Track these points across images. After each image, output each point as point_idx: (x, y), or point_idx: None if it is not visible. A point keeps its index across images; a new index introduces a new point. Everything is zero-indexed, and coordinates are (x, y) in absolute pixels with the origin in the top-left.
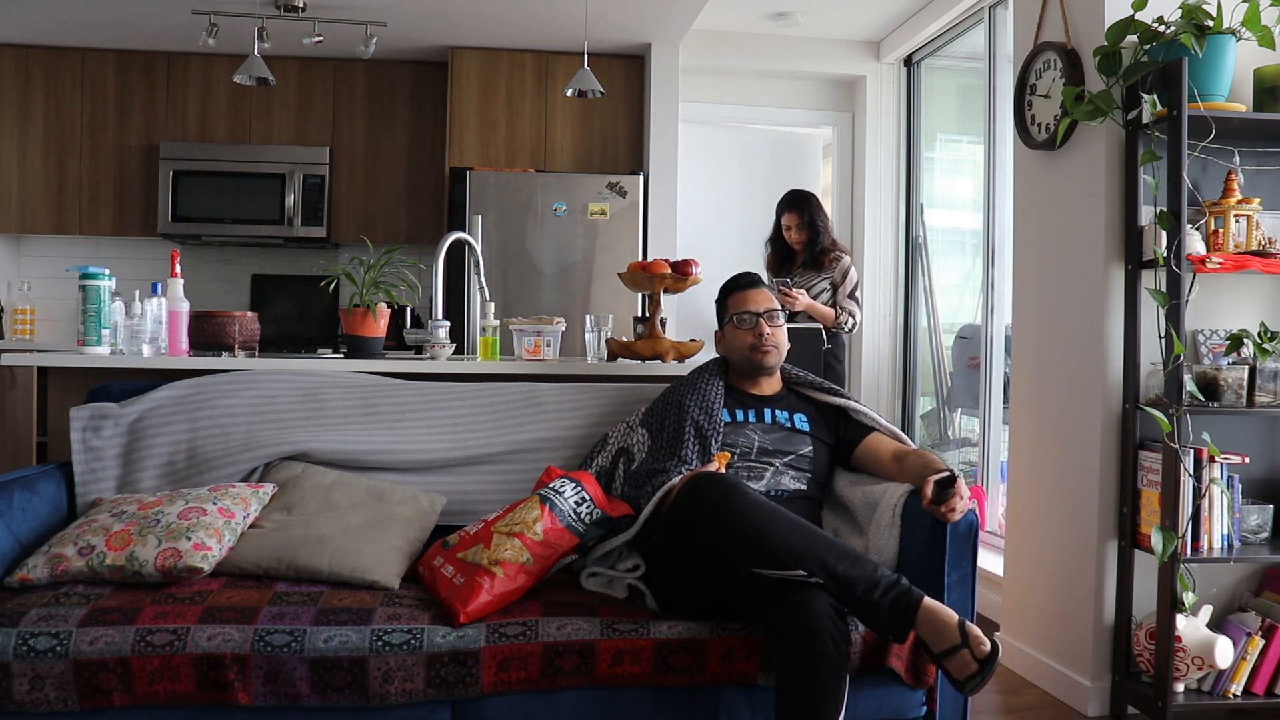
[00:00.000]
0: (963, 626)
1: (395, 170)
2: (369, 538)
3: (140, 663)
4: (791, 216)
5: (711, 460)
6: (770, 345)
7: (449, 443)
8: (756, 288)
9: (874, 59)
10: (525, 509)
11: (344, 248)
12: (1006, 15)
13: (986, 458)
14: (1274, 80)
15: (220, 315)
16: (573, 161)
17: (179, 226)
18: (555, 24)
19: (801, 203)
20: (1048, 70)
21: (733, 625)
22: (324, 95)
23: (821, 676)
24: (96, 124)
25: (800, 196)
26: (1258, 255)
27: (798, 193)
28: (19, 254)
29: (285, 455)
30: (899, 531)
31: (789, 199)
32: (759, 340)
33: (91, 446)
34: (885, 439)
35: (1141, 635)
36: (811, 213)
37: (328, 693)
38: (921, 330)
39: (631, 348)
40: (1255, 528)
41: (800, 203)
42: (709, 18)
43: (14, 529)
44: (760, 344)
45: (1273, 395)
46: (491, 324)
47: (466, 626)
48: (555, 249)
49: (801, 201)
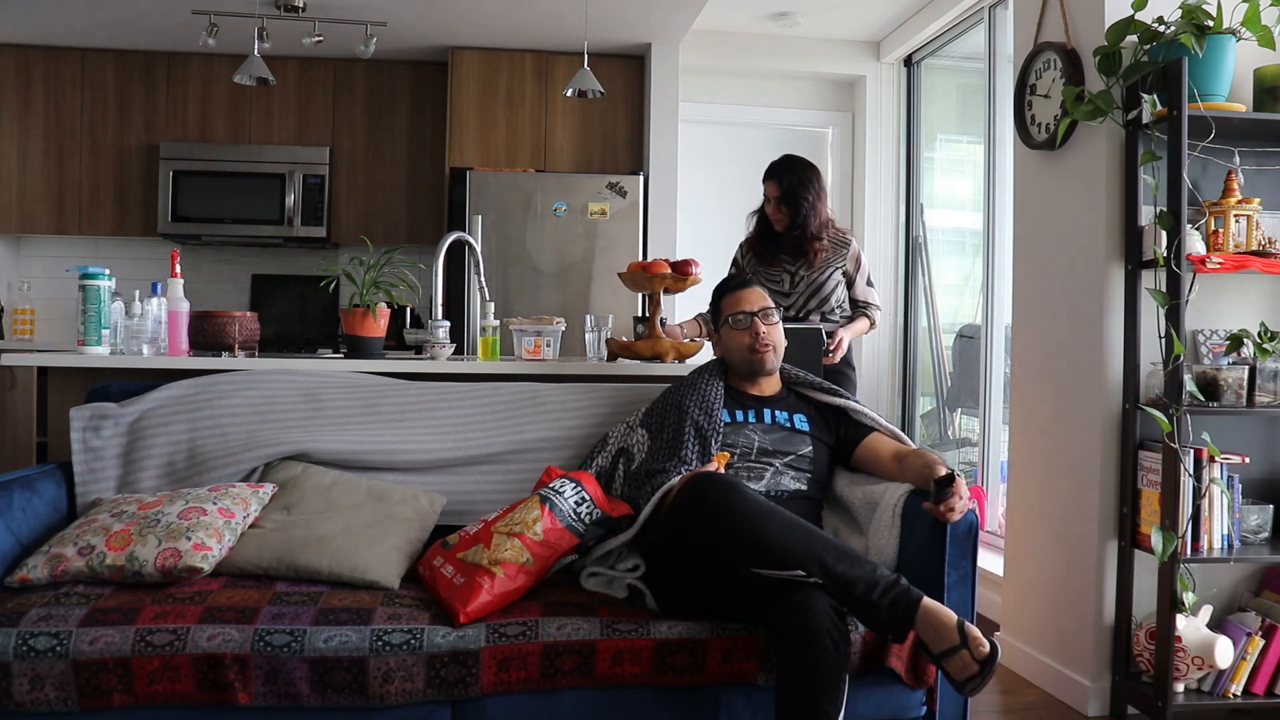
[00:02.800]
0: (962, 627)
1: (395, 170)
2: (369, 538)
3: (140, 663)
4: (771, 185)
5: (711, 460)
6: (767, 344)
7: (449, 443)
8: (749, 287)
9: (874, 59)
10: (525, 509)
11: (344, 248)
12: (1006, 15)
13: (986, 458)
14: (1274, 80)
15: (220, 315)
16: (573, 161)
17: (179, 226)
18: (555, 24)
19: (785, 171)
20: (1048, 70)
21: (733, 625)
22: (324, 95)
23: (821, 676)
24: (96, 124)
25: (786, 164)
26: (1258, 255)
27: (787, 158)
28: (19, 254)
29: (285, 455)
30: (899, 531)
31: (772, 165)
32: (755, 340)
33: (91, 446)
34: (885, 439)
35: (1141, 635)
36: (795, 185)
37: (328, 693)
38: (921, 330)
39: (631, 348)
40: (1255, 528)
41: (783, 171)
42: (709, 18)
43: (14, 529)
44: (757, 344)
45: (1273, 395)
46: (491, 324)
47: (466, 626)
48: (555, 249)
49: (785, 170)
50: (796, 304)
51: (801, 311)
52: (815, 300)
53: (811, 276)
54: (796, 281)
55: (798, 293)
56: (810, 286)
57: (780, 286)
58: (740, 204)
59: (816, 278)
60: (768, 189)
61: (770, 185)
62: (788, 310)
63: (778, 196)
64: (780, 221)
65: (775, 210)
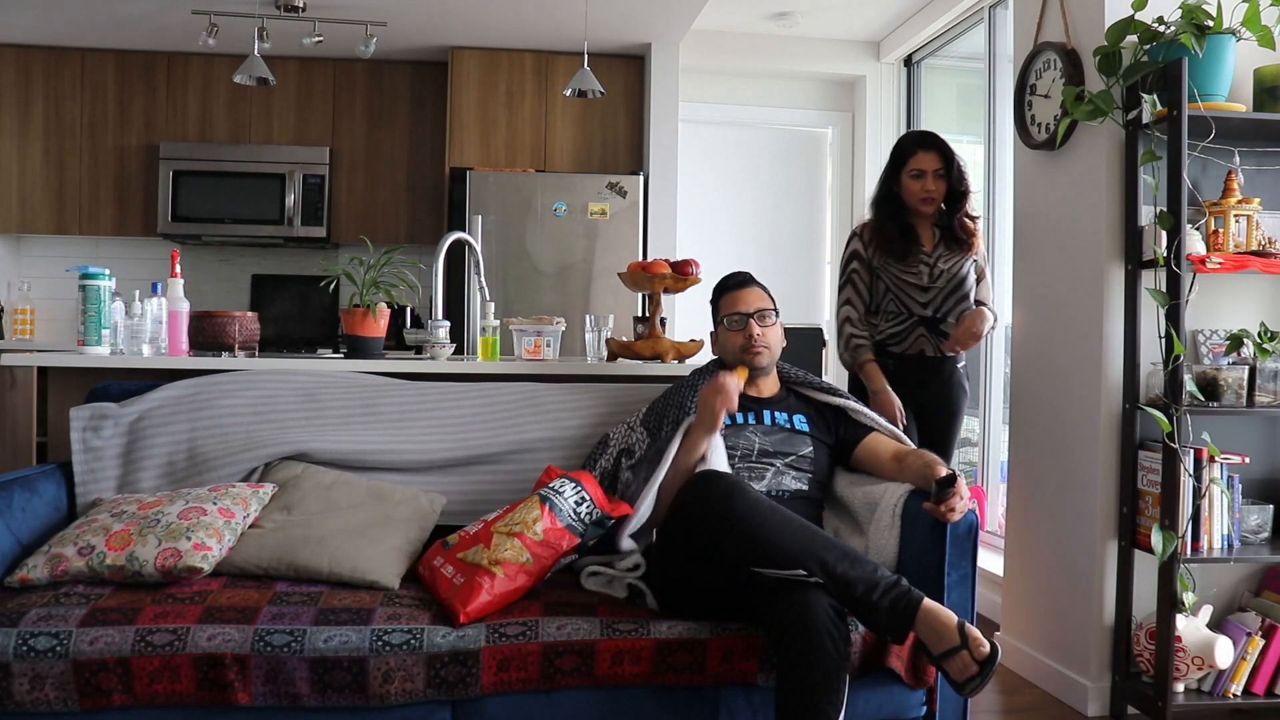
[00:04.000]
0: (962, 628)
1: (395, 170)
2: (369, 538)
3: (140, 663)
4: (929, 157)
5: (732, 374)
6: (761, 346)
7: (449, 443)
8: (747, 287)
9: (874, 59)
10: (525, 509)
11: (344, 248)
12: (1006, 15)
13: (986, 458)
14: (1274, 80)
15: (220, 315)
16: (573, 161)
17: (179, 226)
18: (555, 24)
19: (939, 140)
20: (1048, 70)
21: (733, 625)
22: (324, 95)
23: (821, 676)
24: (96, 124)
25: (932, 134)
26: (1258, 255)
27: (924, 131)
28: (19, 254)
29: (285, 455)
30: (899, 531)
31: (922, 134)
32: (749, 341)
33: (91, 446)
34: (884, 439)
35: (1141, 635)
36: (953, 154)
37: (328, 693)
38: None
39: (631, 348)
40: (1255, 528)
41: (938, 140)
42: (709, 18)
43: (14, 529)
44: (751, 345)
45: (1273, 395)
46: (491, 324)
47: (466, 626)
48: (555, 249)
49: (938, 139)
50: (935, 302)
51: (940, 311)
52: (956, 297)
53: (952, 269)
54: (937, 275)
55: (937, 288)
56: (952, 281)
57: (918, 280)
58: (740, 204)
59: (956, 270)
60: (921, 161)
61: (928, 156)
62: (924, 309)
63: (937, 170)
64: (933, 200)
65: (931, 186)
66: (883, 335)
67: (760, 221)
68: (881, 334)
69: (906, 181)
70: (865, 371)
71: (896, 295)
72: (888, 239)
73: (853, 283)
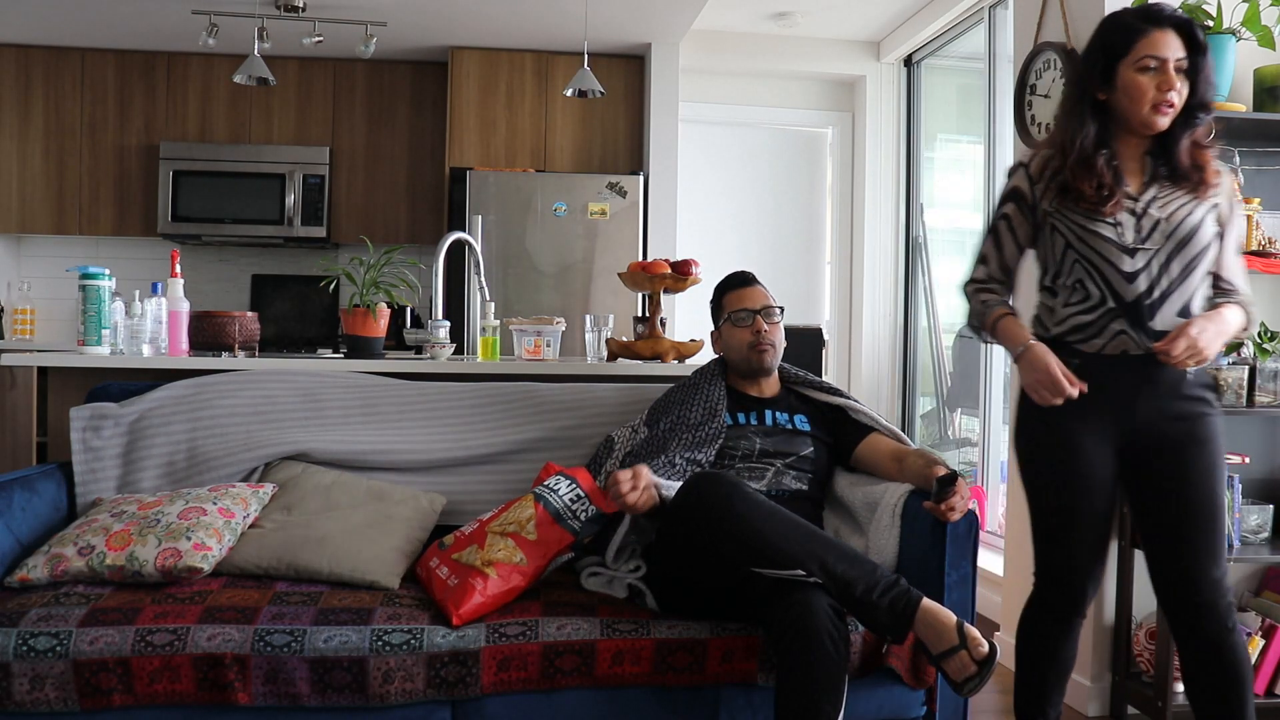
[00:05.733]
0: (961, 628)
1: (395, 170)
2: (369, 538)
3: (140, 663)
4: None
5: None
6: (768, 343)
7: (449, 443)
8: (751, 286)
9: (874, 59)
10: (519, 508)
11: (344, 248)
12: (1006, 15)
13: (986, 458)
14: (1274, 80)
15: (220, 315)
16: (573, 161)
17: (179, 226)
18: (555, 24)
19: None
20: (1048, 70)
21: (733, 625)
22: (324, 95)
23: (820, 676)
24: (96, 124)
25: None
26: (1258, 255)
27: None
28: (19, 254)
29: (285, 455)
30: (899, 531)
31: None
32: (757, 338)
33: (91, 446)
34: (885, 439)
35: (1141, 635)
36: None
37: (328, 693)
38: (921, 330)
39: (631, 348)
40: (1255, 528)
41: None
42: (709, 18)
43: (14, 529)
44: (758, 342)
45: (1273, 395)
46: (491, 324)
47: (465, 627)
48: (555, 249)
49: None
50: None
51: (1155, 286)
52: (1180, 259)
53: (1174, 214)
54: (1148, 228)
55: (1151, 248)
56: (1173, 233)
57: (1119, 237)
58: (740, 204)
59: (1184, 216)
60: (1156, 45)
61: (1166, 39)
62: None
63: (1179, 61)
64: (1169, 106)
65: (1166, 85)
66: (1063, 326)
67: (760, 221)
68: (1061, 323)
69: (1131, 78)
70: (999, 329)
71: (1085, 262)
72: (1088, 174)
73: (997, 233)
